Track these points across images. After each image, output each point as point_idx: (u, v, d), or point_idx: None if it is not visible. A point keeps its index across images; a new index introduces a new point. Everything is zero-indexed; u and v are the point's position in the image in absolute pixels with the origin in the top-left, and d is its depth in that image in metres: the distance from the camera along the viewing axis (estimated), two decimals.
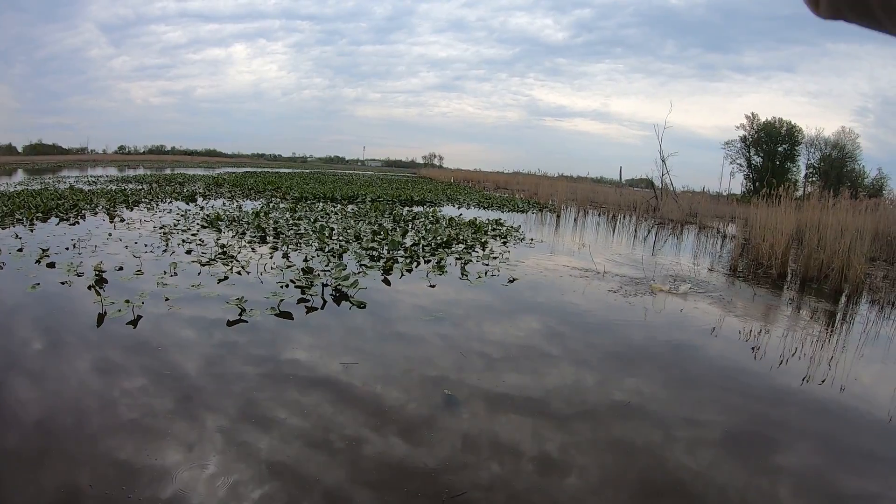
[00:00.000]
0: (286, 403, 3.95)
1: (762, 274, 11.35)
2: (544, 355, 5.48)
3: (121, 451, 3.13)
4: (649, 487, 3.32)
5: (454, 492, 3.08)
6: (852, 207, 11.74)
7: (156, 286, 6.40)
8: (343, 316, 6.11)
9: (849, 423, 4.44)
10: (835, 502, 3.31)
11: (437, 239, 11.59)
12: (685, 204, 25.64)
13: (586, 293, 8.17)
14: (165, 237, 9.63)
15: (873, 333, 7.16)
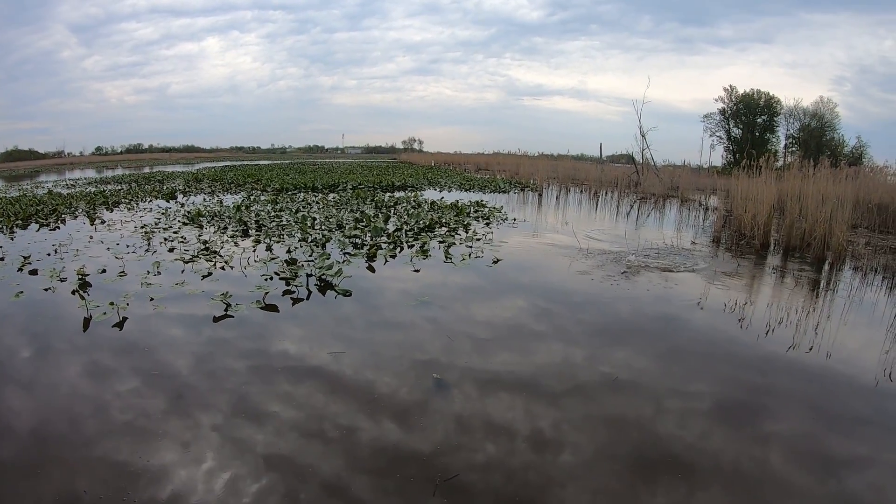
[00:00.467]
0: (279, 396, 3.98)
1: (745, 245, 11.42)
2: (532, 334, 5.53)
3: (117, 455, 3.14)
4: (643, 460, 3.38)
5: (449, 475, 3.13)
6: (832, 176, 11.80)
7: (140, 286, 6.37)
8: (329, 305, 6.12)
9: (836, 388, 4.51)
10: (826, 466, 3.38)
11: (420, 223, 11.61)
12: (666, 178, 25.69)
13: (571, 270, 8.22)
14: (147, 236, 9.57)
15: (857, 300, 7.24)
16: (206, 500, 2.83)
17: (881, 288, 7.95)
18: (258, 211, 13.06)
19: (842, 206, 10.06)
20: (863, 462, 3.45)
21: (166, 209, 13.72)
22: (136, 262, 7.68)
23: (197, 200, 16.13)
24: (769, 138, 50.12)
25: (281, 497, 2.88)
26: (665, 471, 3.27)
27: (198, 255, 8.12)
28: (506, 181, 27.93)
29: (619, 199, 22.14)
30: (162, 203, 15.37)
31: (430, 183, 25.35)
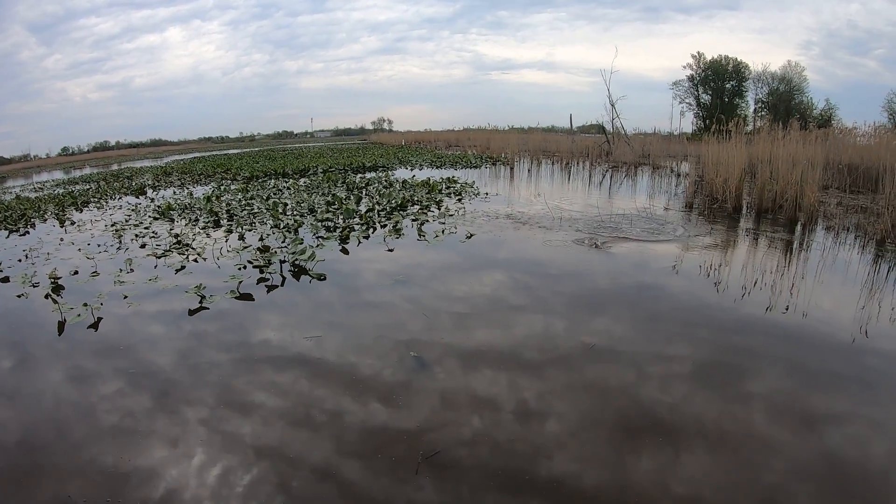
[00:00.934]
0: (263, 385, 3.99)
1: (717, 209, 11.54)
2: (511, 307, 5.58)
3: (106, 458, 3.14)
4: (627, 425, 3.45)
5: (435, 451, 3.18)
6: (802, 138, 11.88)
7: (113, 285, 6.30)
8: (305, 290, 6.14)
9: (814, 346, 4.59)
10: (807, 423, 3.47)
11: (392, 203, 11.60)
12: (637, 146, 25.75)
13: (546, 242, 8.28)
14: (118, 234, 9.47)
15: (831, 259, 7.33)
16: (199, 495, 2.84)
17: (854, 247, 8.06)
18: (229, 200, 12.95)
19: (812, 168, 10.15)
20: (842, 417, 3.54)
21: (136, 205, 13.57)
22: (109, 260, 7.59)
23: (167, 194, 15.95)
24: (738, 103, 50.53)
25: (273, 486, 2.90)
26: (650, 435, 3.34)
27: (170, 249, 8.05)
28: (477, 156, 27.88)
29: (591, 169, 22.18)
30: (131, 199, 15.18)
31: (400, 162, 25.26)
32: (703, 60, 51.12)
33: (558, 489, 2.88)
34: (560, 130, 44.04)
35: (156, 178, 22.54)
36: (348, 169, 21.72)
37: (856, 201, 11.25)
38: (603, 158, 25.98)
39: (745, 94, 51.12)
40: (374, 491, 2.89)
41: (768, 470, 3.02)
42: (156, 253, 7.81)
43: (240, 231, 9.23)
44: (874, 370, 4.15)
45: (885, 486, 2.89)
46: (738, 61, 50.20)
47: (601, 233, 8.84)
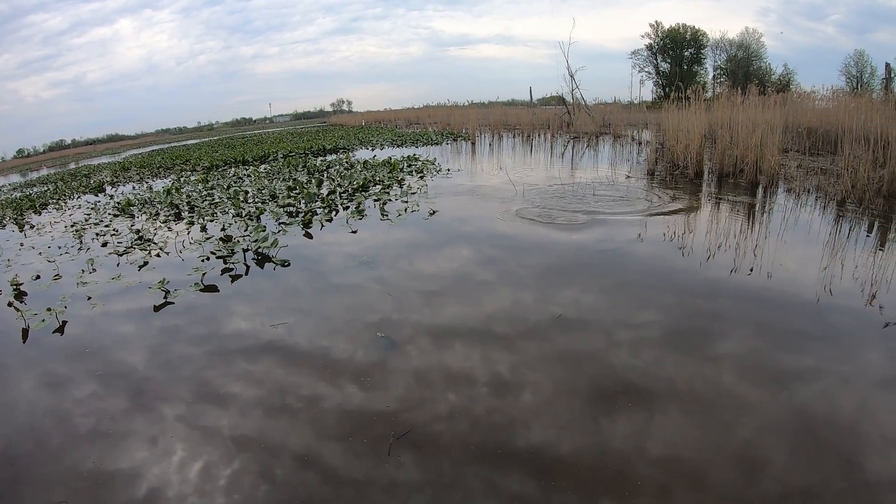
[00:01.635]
0: (237, 376, 3.99)
1: (679, 175, 11.70)
2: (478, 282, 5.64)
3: (87, 463, 3.11)
4: (601, 392, 3.53)
5: (414, 429, 3.24)
6: (761, 103, 12.09)
7: (76, 287, 6.17)
8: (270, 277, 6.13)
9: (780, 306, 4.69)
10: (776, 380, 3.57)
11: (354, 184, 11.58)
12: (598, 116, 25.88)
13: (509, 215, 8.35)
14: (78, 234, 9.29)
15: (793, 220, 7.47)
16: (183, 491, 2.85)
17: (815, 208, 8.21)
18: (189, 192, 12.74)
19: (772, 132, 10.33)
20: (810, 373, 3.65)
21: (95, 203, 13.31)
22: (70, 262, 7.43)
23: (126, 190, 15.66)
24: (697, 71, 51.20)
25: (256, 477, 2.92)
26: (623, 400, 3.42)
27: (132, 245, 7.93)
28: (438, 133, 27.82)
29: (553, 141, 22.29)
30: (91, 198, 14.86)
31: (361, 143, 25.10)
32: (662, 29, 51.63)
33: (537, 458, 2.95)
34: (520, 104, 44.06)
35: (114, 175, 22.12)
36: (308, 153, 21.52)
37: (816, 163, 11.44)
38: (564, 129, 26.06)
39: (704, 62, 51.93)
40: (356, 473, 2.93)
41: (741, 427, 3.11)
42: (117, 251, 7.70)
43: (201, 222, 9.13)
44: (839, 327, 4.27)
45: (854, 437, 3.00)
46: (696, 29, 50.88)
47: (566, 203, 8.97)
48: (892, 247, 6.23)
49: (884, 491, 2.61)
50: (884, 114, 9.72)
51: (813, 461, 2.83)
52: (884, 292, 4.84)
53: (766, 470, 2.79)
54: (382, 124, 45.79)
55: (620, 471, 2.83)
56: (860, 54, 44.01)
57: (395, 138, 26.30)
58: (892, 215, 7.48)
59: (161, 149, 46.13)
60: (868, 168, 8.26)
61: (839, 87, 17.52)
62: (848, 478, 2.71)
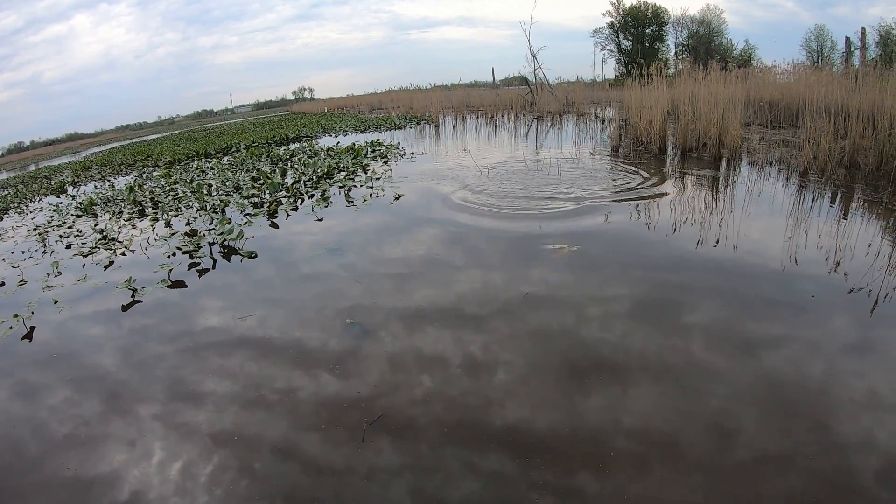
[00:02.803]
0: (211, 372, 3.99)
1: (643, 150, 11.88)
2: (446, 264, 5.69)
3: (66, 471, 3.09)
4: (573, 368, 3.61)
5: (390, 413, 3.30)
6: (723, 78, 12.28)
7: (42, 291, 6.07)
8: (237, 270, 6.11)
9: (746, 277, 4.80)
10: (745, 348, 3.68)
11: (318, 172, 11.56)
12: (561, 95, 25.97)
13: (475, 197, 8.41)
14: (42, 238, 9.12)
15: (756, 192, 7.61)
16: (164, 492, 2.85)
17: (778, 179, 8.37)
18: (152, 188, 12.54)
19: (734, 106, 10.50)
20: (778, 340, 3.75)
21: (58, 205, 13.02)
22: (35, 266, 7.28)
23: (88, 189, 15.34)
24: (659, 48, 51.43)
25: (236, 472, 2.94)
26: (596, 374, 3.50)
27: (96, 245, 7.80)
28: (401, 117, 27.76)
29: (516, 121, 22.39)
30: (52, 199, 14.53)
31: (324, 130, 24.92)
32: (623, 7, 51.67)
33: (514, 436, 3.03)
34: (483, 85, 44.04)
35: (75, 174, 21.67)
36: (272, 142, 21.30)
37: (778, 136, 11.64)
38: (527, 109, 26.17)
39: (666, 39, 52.13)
40: (336, 461, 2.97)
41: (713, 396, 3.21)
42: (82, 252, 7.59)
43: (166, 218, 9.02)
44: (805, 295, 4.37)
45: (823, 401, 3.11)
46: (657, 6, 50.96)
47: (531, 184, 9.07)
48: (855, 216, 6.37)
49: (854, 452, 2.71)
50: (844, 86, 9.91)
51: (784, 427, 2.93)
52: (848, 259, 4.97)
53: (739, 437, 2.89)
54: (345, 111, 45.42)
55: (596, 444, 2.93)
56: (820, 29, 44.48)
57: (359, 124, 26.15)
58: (854, 185, 7.63)
59: (122, 145, 45.24)
60: (829, 139, 8.41)
61: (800, 62, 17.81)
62: (818, 441, 2.81)
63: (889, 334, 3.79)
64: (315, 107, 62.41)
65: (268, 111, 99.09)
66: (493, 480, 2.74)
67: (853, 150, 8.39)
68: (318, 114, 45.68)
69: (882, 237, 5.56)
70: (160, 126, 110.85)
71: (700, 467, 2.71)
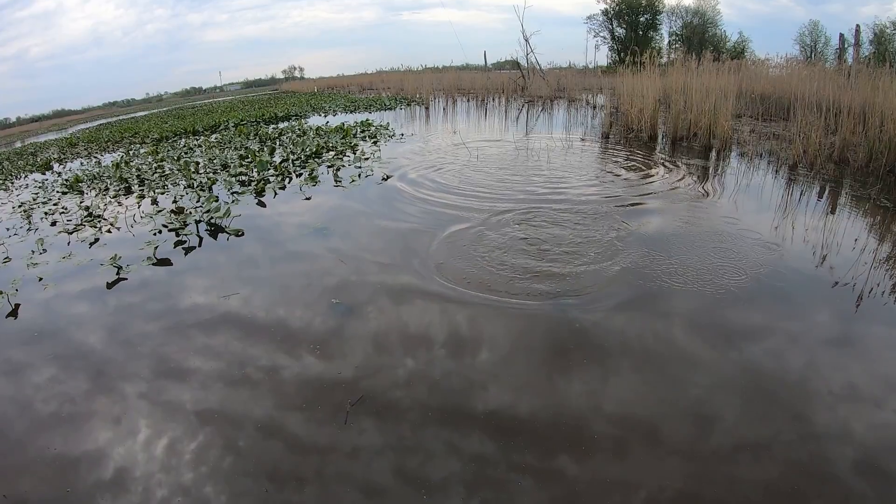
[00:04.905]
0: (196, 350, 4.00)
1: (633, 138, 11.96)
2: (434, 244, 5.69)
3: (51, 449, 3.09)
4: (556, 350, 3.69)
5: (373, 394, 3.33)
6: (716, 69, 12.44)
7: (27, 269, 6.02)
8: (223, 248, 6.11)
9: (731, 267, 4.80)
10: (727, 339, 3.75)
11: (306, 151, 11.53)
12: (553, 80, 25.89)
13: (464, 176, 8.49)
14: (27, 215, 9.02)
15: (745, 183, 7.69)
16: (149, 469, 2.86)
17: (767, 171, 8.44)
18: (139, 165, 12.42)
19: (725, 97, 10.59)
20: (760, 332, 3.80)
21: (43, 182, 12.89)
22: (20, 244, 7.19)
23: (74, 166, 15.18)
24: (653, 36, 51.05)
25: (221, 449, 2.96)
26: (578, 359, 3.56)
27: (82, 223, 7.75)
28: (391, 98, 27.69)
29: (507, 105, 22.34)
30: (38, 176, 14.38)
31: (314, 109, 24.84)
32: None
33: (496, 416, 3.08)
34: (475, 68, 43.83)
35: (61, 151, 21.43)
36: (260, 121, 21.17)
37: (768, 129, 11.69)
38: (518, 94, 26.12)
39: (660, 27, 51.74)
40: (320, 440, 3.00)
41: (693, 385, 3.27)
42: (67, 229, 7.53)
43: (152, 195, 8.95)
44: (788, 288, 4.42)
45: (802, 393, 3.17)
46: None
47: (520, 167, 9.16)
48: (843, 211, 6.43)
49: (830, 443, 2.77)
50: (836, 83, 10.06)
51: (763, 416, 2.98)
52: (834, 254, 5.03)
53: (718, 424, 2.95)
54: (335, 90, 45.22)
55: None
56: (814, 24, 44.27)
57: (349, 104, 26.05)
58: (843, 180, 7.69)
59: (109, 122, 44.75)
60: (820, 134, 8.47)
61: (793, 56, 17.82)
62: (796, 431, 2.86)
63: (871, 328, 3.85)
64: (305, 86, 62.01)
65: (257, 90, 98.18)
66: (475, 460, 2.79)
67: (843, 145, 8.45)
68: (307, 93, 45.45)
69: (869, 233, 5.65)
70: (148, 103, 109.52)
71: (679, 453, 2.79)
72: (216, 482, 2.77)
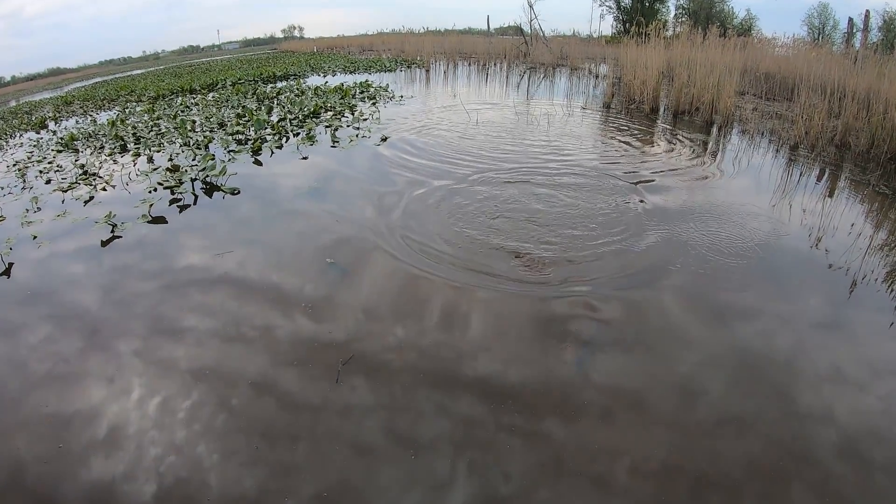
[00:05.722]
0: (191, 309, 4.00)
1: (635, 109, 11.84)
2: (430, 206, 5.71)
3: (46, 408, 3.09)
4: (547, 325, 3.69)
5: (365, 353, 3.36)
6: (721, 45, 12.23)
7: (21, 228, 5.95)
8: (219, 207, 6.08)
9: (727, 245, 4.79)
10: (718, 318, 3.77)
11: (305, 111, 11.42)
12: (556, 47, 25.53)
13: (462, 141, 8.43)
14: (21, 173, 8.93)
15: (745, 160, 7.65)
16: (143, 427, 2.88)
17: (768, 150, 8.36)
18: (135, 123, 12.26)
19: (730, 74, 10.47)
20: (751, 312, 3.82)
21: (38, 140, 12.73)
22: (14, 202, 7.10)
23: (69, 125, 15.03)
24: (659, 8, 50.18)
25: (214, 406, 2.98)
26: (571, 334, 3.56)
27: (76, 181, 7.66)
28: (392, 60, 27.29)
29: (509, 71, 22.07)
30: (33, 135, 14.23)
31: (313, 69, 24.56)
32: None
33: (487, 382, 3.11)
34: (477, 32, 43.26)
35: (56, 110, 21.23)
36: (258, 80, 20.91)
37: (771, 108, 11.56)
38: (520, 60, 25.81)
39: (666, 0, 50.99)
40: (312, 397, 3.03)
41: (681, 362, 3.29)
42: (62, 187, 7.46)
43: (148, 153, 8.83)
44: (782, 269, 4.42)
45: (788, 372, 3.20)
46: None
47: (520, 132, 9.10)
48: (841, 195, 6.38)
49: (812, 423, 2.81)
50: (842, 66, 9.93)
51: (748, 393, 3.03)
52: (830, 237, 5.02)
53: (703, 398, 2.99)
54: (335, 51, 44.65)
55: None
56: (824, 6, 43.57)
57: (348, 65, 25.74)
58: (843, 164, 7.62)
59: (105, 80, 44.28)
60: (823, 117, 8.40)
61: (800, 37, 17.55)
62: (779, 409, 2.90)
63: (862, 313, 3.87)
64: (304, 46, 61.25)
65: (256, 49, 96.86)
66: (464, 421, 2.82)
67: (845, 129, 8.36)
68: (307, 53, 44.84)
69: (866, 219, 5.63)
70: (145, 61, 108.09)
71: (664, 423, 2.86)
72: (209, 440, 2.80)
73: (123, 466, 2.67)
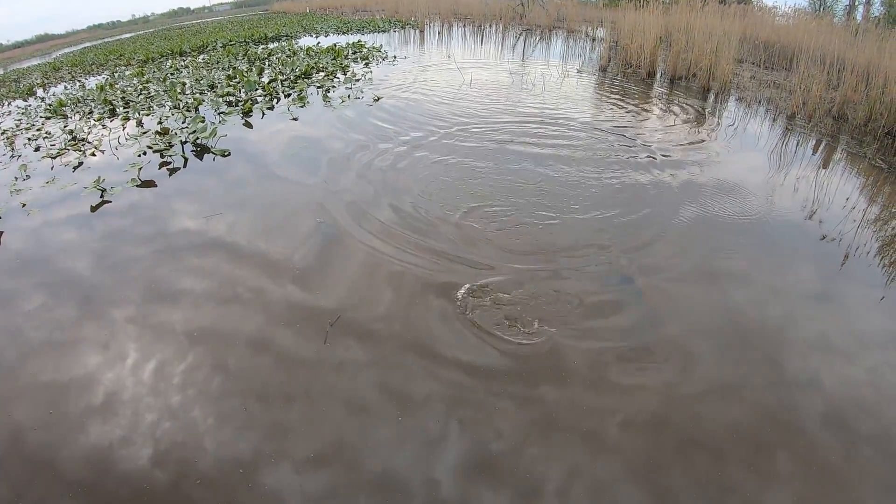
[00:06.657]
0: (182, 271, 3.99)
1: (632, 73, 11.76)
2: (423, 165, 5.69)
3: (42, 375, 3.08)
4: (546, 285, 3.72)
5: (354, 319, 3.36)
6: (721, 12, 12.05)
7: (10, 195, 5.87)
8: (209, 169, 6.01)
9: (721, 214, 4.80)
10: (711, 282, 3.78)
11: (296, 71, 11.28)
12: (553, 9, 25.19)
13: (456, 100, 8.34)
14: (9, 141, 8.82)
15: (741, 128, 7.59)
16: (138, 392, 2.88)
17: (765, 119, 8.27)
18: (124, 87, 12.06)
19: (728, 41, 10.31)
20: (743, 279, 3.84)
21: (26, 108, 12.55)
22: (3, 171, 6.97)
23: (58, 91, 14.84)
24: None
25: (210, 368, 2.99)
26: (567, 300, 3.56)
27: (65, 147, 7.54)
28: (385, 20, 26.96)
29: (504, 32, 21.76)
30: (21, 103, 14.05)
31: (305, 30, 24.29)
32: None
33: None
34: None
35: (45, 76, 20.91)
36: (249, 41, 20.68)
37: (769, 77, 11.47)
38: (516, 21, 25.46)
39: None
40: (307, 354, 3.07)
41: (672, 326, 3.31)
42: (51, 154, 7.34)
43: (137, 117, 8.71)
44: (774, 238, 4.42)
45: (778, 341, 3.22)
46: None
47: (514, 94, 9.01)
48: (836, 167, 6.32)
49: (799, 390, 2.85)
50: (843, 39, 9.78)
51: (737, 360, 3.06)
52: (824, 209, 4.99)
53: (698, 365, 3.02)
54: (328, 11, 44.04)
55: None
56: None
57: (341, 25, 25.41)
58: (840, 136, 7.54)
59: (94, 45, 43.74)
60: (821, 88, 8.32)
61: (801, 7, 17.38)
62: (767, 377, 2.94)
63: (853, 286, 3.88)
64: (297, 6, 60.30)
65: (247, 10, 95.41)
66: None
67: (843, 101, 8.30)
68: (299, 14, 44.27)
69: (860, 192, 5.57)
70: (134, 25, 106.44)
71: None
72: (202, 403, 2.81)
73: (121, 430, 2.68)
